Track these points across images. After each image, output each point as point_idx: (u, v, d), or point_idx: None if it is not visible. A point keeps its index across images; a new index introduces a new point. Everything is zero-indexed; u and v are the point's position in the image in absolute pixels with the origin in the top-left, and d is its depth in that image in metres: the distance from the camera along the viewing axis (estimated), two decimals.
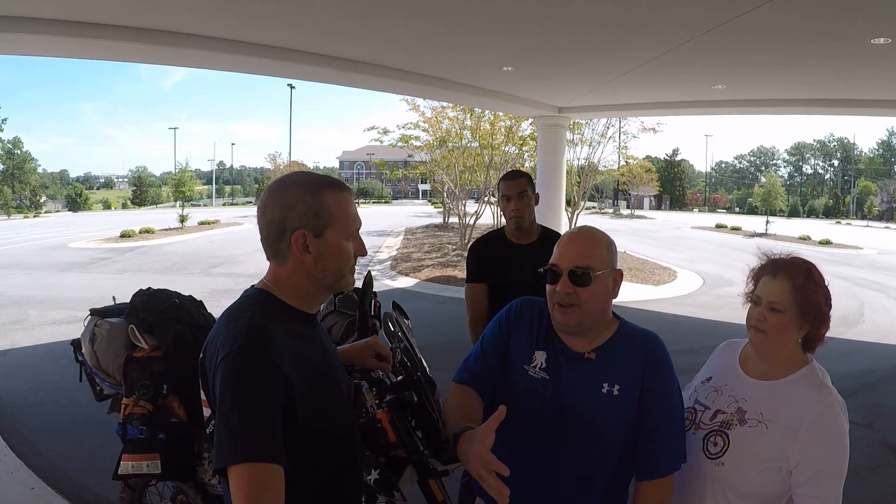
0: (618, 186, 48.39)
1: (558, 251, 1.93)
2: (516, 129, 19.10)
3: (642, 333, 1.98)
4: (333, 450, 1.65)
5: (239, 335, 1.46)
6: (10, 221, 43.11)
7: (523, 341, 2.02)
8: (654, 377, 1.88)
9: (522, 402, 1.92)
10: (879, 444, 5.66)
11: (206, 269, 17.01)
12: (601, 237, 1.95)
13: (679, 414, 1.95)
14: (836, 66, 8.21)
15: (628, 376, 1.88)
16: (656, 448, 1.88)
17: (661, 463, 1.88)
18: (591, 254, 1.89)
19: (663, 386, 1.89)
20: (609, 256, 1.92)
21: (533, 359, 1.97)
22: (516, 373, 1.98)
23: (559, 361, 1.94)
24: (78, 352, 3.06)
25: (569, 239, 1.95)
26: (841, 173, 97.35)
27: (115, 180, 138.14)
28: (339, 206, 1.61)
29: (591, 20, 6.59)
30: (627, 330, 1.99)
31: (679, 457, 1.90)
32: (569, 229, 2.04)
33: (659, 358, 1.91)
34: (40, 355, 8.12)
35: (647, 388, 1.87)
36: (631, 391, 1.87)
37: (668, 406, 1.90)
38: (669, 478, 1.90)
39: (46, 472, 4.80)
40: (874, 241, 32.28)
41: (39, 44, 6.88)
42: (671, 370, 1.93)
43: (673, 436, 1.90)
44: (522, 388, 1.95)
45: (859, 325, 11.10)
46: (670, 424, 1.90)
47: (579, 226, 1.98)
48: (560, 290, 1.87)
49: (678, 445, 1.91)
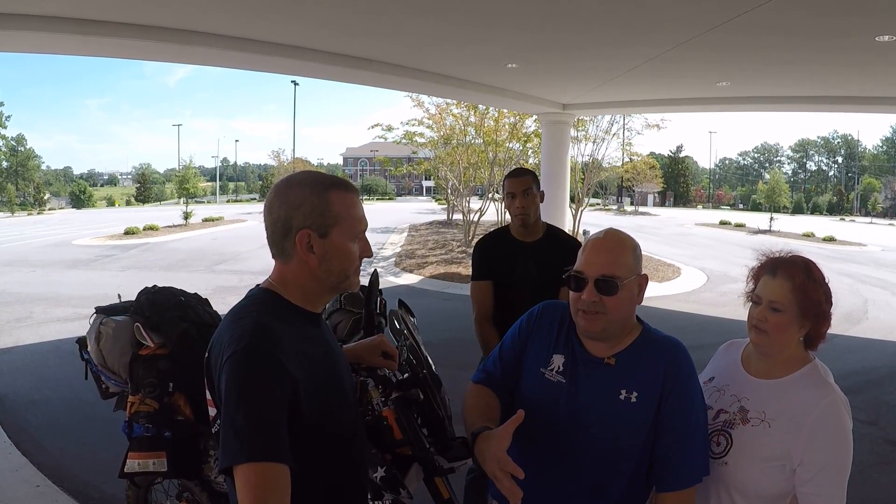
0: (622, 183, 48.31)
1: (584, 258, 1.88)
2: (520, 126, 19.08)
3: (665, 340, 1.94)
4: (339, 448, 1.65)
5: (244, 335, 1.47)
6: (14, 219, 43.22)
7: (542, 345, 2.00)
8: (674, 386, 1.83)
9: (538, 405, 1.90)
10: (883, 440, 5.65)
11: (211, 266, 17.03)
12: (627, 242, 1.90)
13: (701, 424, 1.89)
14: (841, 64, 8.19)
15: (647, 383, 1.84)
16: (676, 459, 1.83)
17: (681, 474, 1.83)
18: (617, 261, 1.84)
19: (684, 395, 1.84)
20: (634, 262, 1.88)
21: (550, 362, 1.95)
22: (532, 376, 1.96)
23: (577, 366, 1.91)
24: (83, 350, 3.07)
25: (594, 245, 1.90)
26: (845, 170, 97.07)
27: (118, 177, 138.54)
28: (345, 206, 1.61)
29: (596, 16, 6.58)
30: (650, 335, 1.95)
31: (701, 469, 1.85)
32: (594, 233, 1.98)
33: (680, 365, 1.87)
34: (45, 353, 8.14)
35: (667, 397, 1.83)
36: (649, 399, 1.83)
37: (688, 416, 1.84)
38: (690, 490, 1.84)
39: (52, 469, 4.81)
40: (878, 237, 32.17)
41: (43, 41, 6.90)
42: (693, 379, 1.89)
43: (694, 447, 1.84)
44: (538, 391, 1.93)
45: (863, 323, 11.08)
46: (691, 435, 1.84)
47: (605, 229, 1.93)
48: (586, 297, 1.83)
49: (700, 457, 1.86)
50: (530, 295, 2.18)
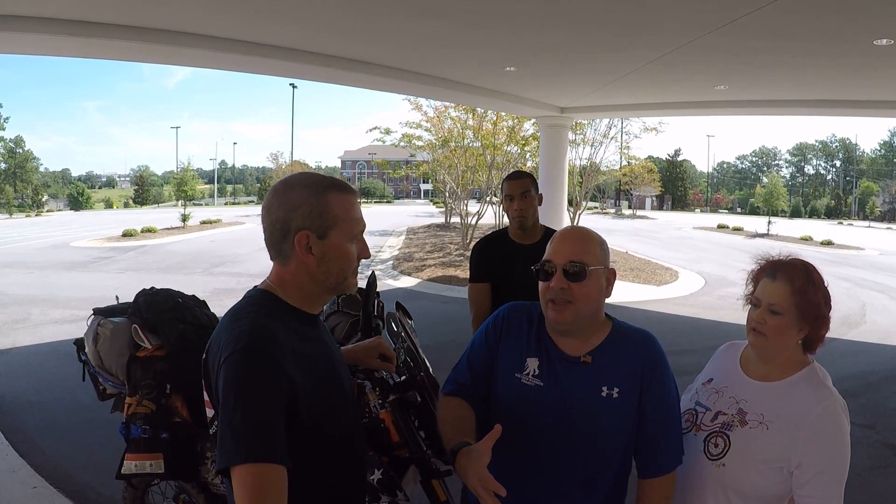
0: (620, 186, 48.31)
1: (552, 248, 1.91)
2: (518, 129, 19.08)
3: (636, 333, 1.96)
4: (337, 450, 1.65)
5: (242, 336, 1.47)
6: (12, 220, 43.13)
7: (513, 349, 1.98)
8: (652, 377, 1.87)
9: (517, 411, 1.90)
10: (881, 444, 5.65)
11: (209, 268, 17.01)
12: (594, 235, 1.93)
13: (676, 410, 1.95)
14: (839, 67, 8.22)
15: (626, 378, 1.87)
16: (659, 446, 1.89)
17: (664, 460, 1.89)
18: (585, 249, 1.87)
19: (661, 385, 1.89)
20: (602, 254, 1.90)
21: (525, 366, 1.94)
22: (508, 382, 1.94)
23: (555, 367, 1.91)
24: (81, 351, 3.07)
25: (562, 235, 1.94)
26: (843, 174, 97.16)
27: (117, 179, 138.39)
28: (343, 208, 1.61)
29: (595, 20, 6.60)
30: (621, 330, 1.97)
31: (679, 452, 1.92)
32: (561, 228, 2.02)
33: (655, 357, 1.90)
34: (43, 354, 8.12)
35: (646, 389, 1.86)
36: (630, 393, 1.86)
37: (667, 404, 1.90)
38: (672, 474, 1.91)
39: (49, 471, 4.80)
40: (876, 241, 32.18)
41: (41, 43, 6.90)
42: (667, 368, 1.92)
43: (673, 432, 1.91)
44: (515, 396, 1.92)
45: (861, 326, 11.08)
46: (670, 422, 1.90)
47: (571, 225, 1.98)
48: (554, 285, 1.85)
49: (678, 441, 1.92)
50: (528, 297, 2.17)
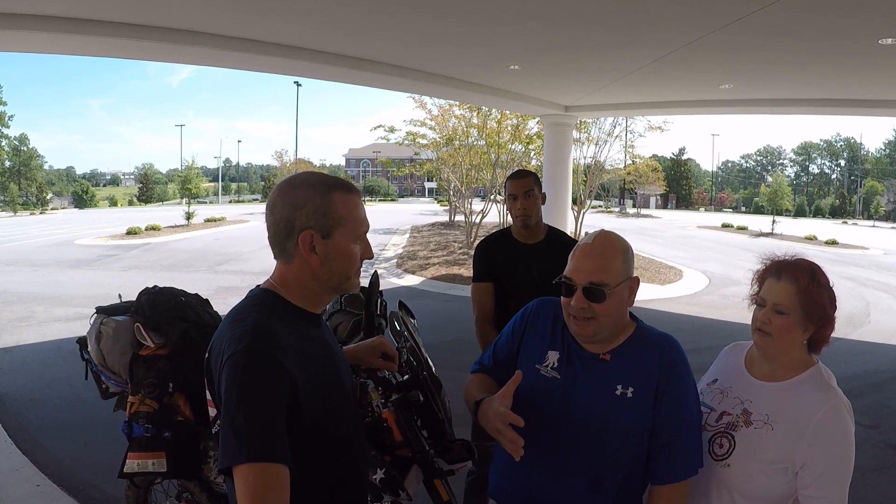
0: (624, 185, 48.22)
1: (573, 264, 1.89)
2: (523, 128, 19.05)
3: (659, 336, 1.95)
4: (339, 449, 1.65)
5: (244, 335, 1.46)
6: (17, 218, 43.29)
7: (536, 341, 2.02)
8: (669, 380, 1.85)
9: (534, 401, 1.90)
10: (885, 445, 5.64)
11: (212, 266, 17.02)
12: (617, 245, 1.90)
13: (696, 418, 1.90)
14: (844, 66, 8.19)
15: (643, 379, 1.86)
16: (672, 453, 1.85)
17: (676, 467, 1.86)
18: (606, 267, 1.84)
19: (679, 390, 1.86)
20: (625, 266, 1.88)
21: (546, 358, 1.97)
22: (528, 372, 1.94)
23: (573, 362, 1.93)
24: (84, 349, 3.08)
25: (583, 251, 1.90)
26: (847, 173, 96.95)
27: (121, 177, 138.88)
28: (347, 208, 1.61)
29: (599, 17, 6.58)
30: (644, 332, 1.96)
31: (695, 461, 1.87)
32: (584, 236, 1.97)
33: (674, 361, 1.88)
34: (46, 352, 8.14)
35: (663, 392, 1.85)
36: (645, 394, 1.85)
37: (683, 410, 1.86)
38: (685, 482, 1.87)
39: (52, 469, 4.81)
40: (880, 241, 32.10)
41: (46, 41, 6.91)
42: (688, 373, 1.90)
43: (689, 440, 1.87)
44: (534, 387, 1.93)
45: (865, 326, 11.06)
46: (686, 429, 1.86)
47: (595, 233, 1.92)
48: (575, 304, 1.85)
49: (694, 450, 1.87)
50: (531, 297, 2.17)
